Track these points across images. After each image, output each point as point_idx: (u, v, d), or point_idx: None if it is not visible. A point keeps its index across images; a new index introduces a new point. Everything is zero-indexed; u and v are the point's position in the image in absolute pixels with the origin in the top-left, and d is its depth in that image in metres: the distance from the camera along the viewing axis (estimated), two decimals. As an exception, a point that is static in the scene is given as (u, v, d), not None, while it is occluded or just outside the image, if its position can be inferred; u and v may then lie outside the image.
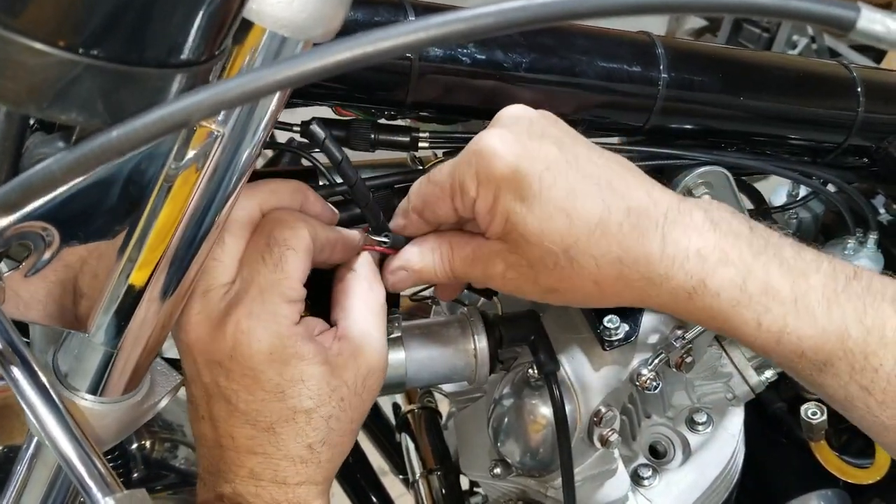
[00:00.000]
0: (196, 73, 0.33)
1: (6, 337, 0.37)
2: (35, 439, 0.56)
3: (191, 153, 0.43)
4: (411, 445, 0.99)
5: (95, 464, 0.35)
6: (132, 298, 0.48)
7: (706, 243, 0.54)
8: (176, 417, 1.01)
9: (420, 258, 0.61)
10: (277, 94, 0.44)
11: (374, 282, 0.62)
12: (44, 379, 0.37)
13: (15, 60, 0.29)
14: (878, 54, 2.95)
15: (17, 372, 0.37)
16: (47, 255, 0.43)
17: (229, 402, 0.55)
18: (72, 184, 0.39)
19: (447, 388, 0.88)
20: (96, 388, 0.51)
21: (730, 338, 0.58)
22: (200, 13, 0.31)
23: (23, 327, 0.51)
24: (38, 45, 0.29)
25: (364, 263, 0.62)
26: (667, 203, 0.56)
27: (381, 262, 0.64)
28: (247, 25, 0.39)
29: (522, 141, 0.54)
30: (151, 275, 0.48)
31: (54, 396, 0.37)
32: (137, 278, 0.47)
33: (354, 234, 0.62)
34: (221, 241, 0.54)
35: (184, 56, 0.32)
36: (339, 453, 0.59)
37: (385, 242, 0.62)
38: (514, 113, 0.57)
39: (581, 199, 0.54)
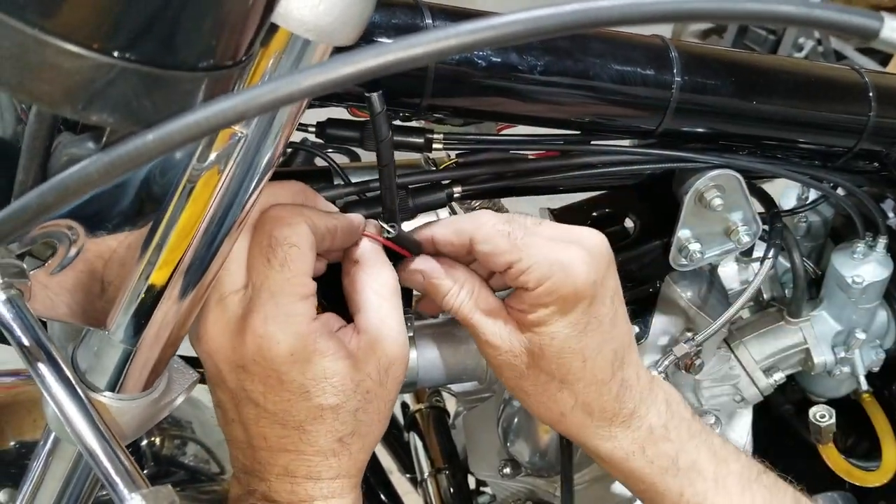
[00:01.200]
0: (225, 76, 0.33)
1: (33, 334, 0.38)
2: (52, 435, 0.57)
3: (213, 154, 0.44)
4: (419, 444, 0.99)
5: (121, 460, 0.35)
6: (152, 297, 0.48)
7: (658, 421, 0.63)
8: (185, 414, 1.01)
9: (445, 279, 0.62)
10: (300, 97, 0.44)
11: (381, 267, 0.61)
12: (70, 375, 0.38)
13: (51, 63, 0.29)
14: (884, 57, 2.95)
15: (43, 368, 0.37)
16: (73, 252, 0.43)
17: (257, 405, 0.56)
18: (98, 183, 0.39)
19: (456, 387, 0.88)
20: (114, 385, 0.51)
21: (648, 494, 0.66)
22: (232, 18, 0.32)
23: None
24: (74, 48, 0.29)
25: (366, 251, 0.62)
26: (643, 384, 0.64)
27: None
28: (271, 29, 0.39)
29: (599, 280, 0.59)
30: (171, 275, 0.48)
31: (80, 393, 0.37)
32: (158, 278, 0.48)
33: (354, 216, 0.61)
34: None
35: (213, 60, 0.32)
36: (370, 443, 0.60)
37: (389, 232, 0.62)
38: (601, 248, 0.61)
39: (600, 358, 0.61)
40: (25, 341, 0.38)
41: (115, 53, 0.30)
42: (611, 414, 0.62)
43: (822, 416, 0.82)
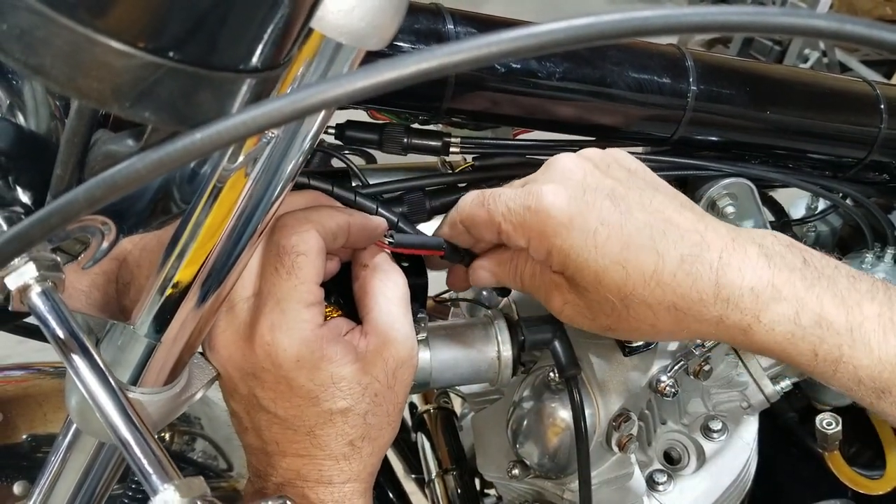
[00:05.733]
0: (266, 78, 0.34)
1: (67, 326, 0.38)
2: (73, 427, 0.58)
3: (243, 156, 0.45)
4: (427, 445, 1.00)
5: (154, 451, 0.36)
6: (178, 293, 0.49)
7: (759, 281, 0.55)
8: (194, 410, 1.02)
9: (498, 266, 0.64)
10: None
11: (390, 272, 0.62)
12: (103, 367, 0.38)
13: (101, 61, 0.30)
14: (889, 69, 2.96)
15: (77, 360, 0.38)
16: (105, 247, 0.44)
17: (268, 411, 0.57)
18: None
19: (465, 389, 0.89)
20: (137, 379, 0.52)
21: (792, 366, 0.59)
22: (276, 20, 0.32)
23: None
24: (125, 48, 0.30)
25: (376, 257, 0.63)
26: (721, 244, 0.56)
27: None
28: (306, 33, 0.40)
29: (576, 198, 0.55)
30: (197, 272, 0.49)
31: (114, 385, 0.38)
32: (185, 274, 0.48)
33: (374, 217, 0.62)
34: None
35: (256, 62, 0.33)
36: (380, 446, 0.60)
37: (391, 241, 0.63)
38: (567, 166, 0.57)
39: (635, 251, 0.55)
40: (60, 333, 0.38)
41: (163, 53, 0.30)
42: (695, 296, 0.55)
43: (828, 423, 0.83)
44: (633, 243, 0.55)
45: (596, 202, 0.56)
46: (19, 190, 0.42)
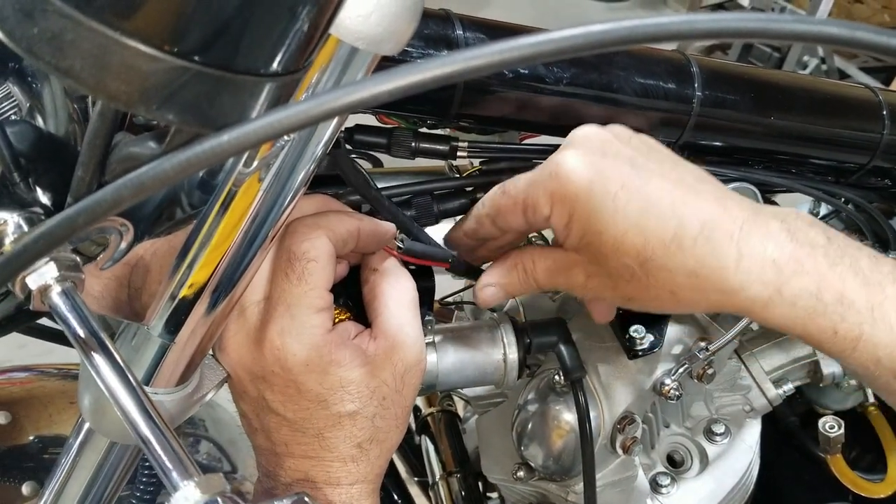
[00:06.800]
0: (286, 82, 0.35)
1: (88, 326, 0.39)
2: (85, 427, 0.58)
3: (258, 160, 0.45)
4: (431, 448, 1.00)
5: (174, 447, 0.37)
6: (192, 295, 0.49)
7: (781, 253, 0.54)
8: (198, 413, 1.02)
9: (506, 275, 0.63)
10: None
11: (400, 276, 0.62)
12: (123, 365, 0.39)
13: (130, 64, 0.31)
14: (888, 76, 2.98)
15: (98, 359, 0.39)
16: (124, 247, 0.45)
17: (277, 414, 0.58)
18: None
19: (469, 392, 0.89)
20: (150, 379, 0.53)
21: (808, 344, 0.59)
22: (298, 25, 0.33)
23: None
24: (152, 51, 0.30)
25: (385, 261, 0.63)
26: (743, 215, 0.56)
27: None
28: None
29: (596, 161, 0.56)
30: (211, 274, 0.49)
31: (134, 383, 0.38)
32: (198, 277, 0.49)
33: (383, 223, 0.62)
34: None
35: (277, 66, 0.34)
36: (387, 449, 0.61)
37: (400, 247, 0.64)
38: (586, 133, 0.58)
39: (655, 216, 0.55)
40: (80, 332, 0.39)
41: (190, 57, 0.31)
42: (716, 264, 0.54)
43: (831, 426, 0.84)
44: (653, 208, 0.55)
45: (616, 167, 0.56)
46: (39, 191, 0.43)
